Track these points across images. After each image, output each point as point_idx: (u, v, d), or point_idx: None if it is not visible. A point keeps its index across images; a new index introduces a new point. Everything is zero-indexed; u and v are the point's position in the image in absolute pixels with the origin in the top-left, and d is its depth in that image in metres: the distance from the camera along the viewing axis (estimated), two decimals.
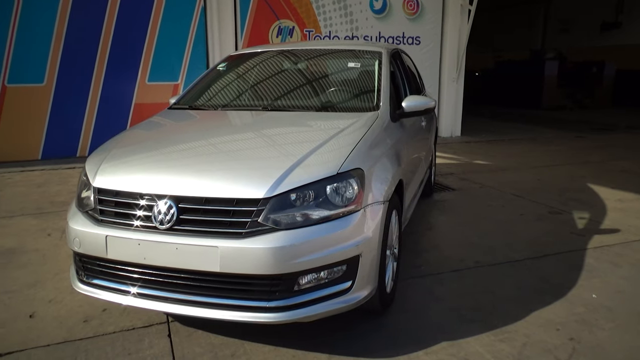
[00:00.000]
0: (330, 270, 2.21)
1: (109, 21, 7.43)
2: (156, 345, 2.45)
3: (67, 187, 5.69)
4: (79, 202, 2.52)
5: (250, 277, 2.12)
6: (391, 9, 8.91)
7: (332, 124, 2.92)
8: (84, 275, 2.46)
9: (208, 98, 3.66)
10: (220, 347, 2.42)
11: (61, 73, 7.29)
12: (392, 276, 2.77)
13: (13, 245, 3.81)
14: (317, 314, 2.21)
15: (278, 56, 4.06)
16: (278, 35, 8.40)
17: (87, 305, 2.82)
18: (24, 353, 2.39)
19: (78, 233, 2.36)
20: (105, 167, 2.50)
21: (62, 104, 7.38)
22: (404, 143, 3.18)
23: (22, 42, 7.03)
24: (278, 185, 2.17)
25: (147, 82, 7.77)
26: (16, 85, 7.12)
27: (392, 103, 3.19)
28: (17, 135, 7.22)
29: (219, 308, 2.17)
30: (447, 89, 9.59)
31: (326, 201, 2.23)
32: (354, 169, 2.33)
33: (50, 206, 4.91)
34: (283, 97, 3.56)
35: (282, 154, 2.53)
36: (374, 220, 2.35)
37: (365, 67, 3.66)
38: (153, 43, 7.70)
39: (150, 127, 3.26)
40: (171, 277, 2.21)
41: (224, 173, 2.33)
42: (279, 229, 2.13)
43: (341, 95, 3.55)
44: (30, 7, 6.99)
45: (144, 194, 2.26)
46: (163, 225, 2.18)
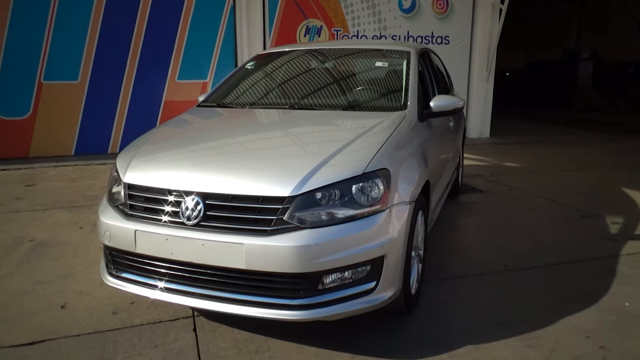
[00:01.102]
0: (355, 270, 2.20)
1: (140, 20, 7.59)
2: (182, 338, 2.49)
3: (99, 182, 5.84)
4: (110, 197, 2.58)
5: (274, 275, 2.14)
6: (420, 8, 8.83)
7: (359, 123, 2.91)
8: (113, 269, 2.52)
9: (236, 96, 3.70)
10: (244, 342, 2.44)
11: (94, 71, 7.49)
12: (417, 277, 2.75)
13: (46, 238, 3.94)
14: (340, 313, 2.21)
15: (305, 55, 4.07)
16: (306, 35, 8.43)
17: (116, 297, 2.89)
18: (56, 342, 2.47)
19: (108, 227, 2.42)
20: (135, 163, 2.55)
21: (94, 101, 7.58)
22: (431, 143, 3.15)
23: (58, 40, 7.25)
24: (304, 184, 2.17)
25: (177, 80, 7.91)
26: (52, 82, 7.35)
27: (419, 103, 3.16)
28: (52, 131, 7.46)
29: (244, 304, 2.19)
30: (477, 89, 9.44)
31: (351, 200, 2.22)
32: (380, 169, 2.31)
33: (82, 200, 5.05)
34: (310, 96, 3.57)
35: (309, 153, 2.53)
36: (400, 221, 2.33)
37: (393, 66, 3.64)
38: (183, 42, 7.84)
39: (179, 124, 3.31)
40: (197, 273, 2.25)
41: (251, 171, 2.35)
42: (304, 227, 2.13)
43: (368, 95, 3.54)
44: (66, 7, 7.20)
45: (172, 190, 2.30)
46: (190, 221, 2.21)
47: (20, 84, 7.21)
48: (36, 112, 7.36)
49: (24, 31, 7.09)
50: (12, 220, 4.39)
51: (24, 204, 4.90)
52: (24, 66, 7.17)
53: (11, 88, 7.17)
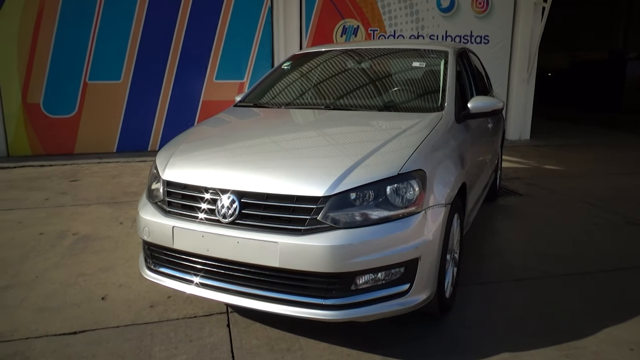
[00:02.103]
0: (388, 272, 2.19)
1: (181, 22, 7.78)
2: (216, 334, 2.54)
3: (139, 179, 6.02)
4: (149, 194, 2.65)
5: (308, 274, 2.15)
6: (459, 7, 8.67)
7: (395, 124, 2.89)
8: (151, 263, 2.59)
9: (272, 96, 3.73)
10: (276, 340, 2.47)
11: (136, 71, 7.73)
12: (451, 281, 2.70)
13: (89, 232, 4.09)
14: (373, 315, 2.20)
15: (342, 55, 4.07)
16: (342, 35, 8.42)
17: (153, 291, 2.97)
18: (96, 332, 2.56)
19: (147, 223, 2.49)
20: (174, 161, 2.61)
21: (136, 101, 7.82)
22: (468, 145, 3.09)
23: (102, 42, 7.53)
24: (338, 184, 2.17)
25: (215, 80, 8.06)
26: (96, 82, 7.63)
27: (457, 104, 3.11)
28: (96, 129, 7.74)
29: (277, 302, 2.21)
30: (517, 90, 9.20)
31: (386, 202, 2.21)
32: (416, 170, 2.29)
33: (123, 196, 5.21)
34: (346, 96, 3.57)
35: (343, 153, 2.53)
36: (435, 223, 2.30)
37: (431, 66, 3.59)
38: (221, 43, 7.98)
39: (216, 123, 3.37)
40: (232, 270, 2.28)
41: (285, 170, 2.36)
42: (337, 227, 2.13)
43: (404, 95, 3.50)
44: (110, 10, 7.47)
45: (209, 187, 2.34)
46: (226, 219, 2.25)
47: (67, 84, 7.52)
48: (81, 110, 7.66)
49: (71, 33, 7.40)
50: (58, 214, 4.58)
51: (69, 199, 5.10)
52: (70, 66, 7.48)
53: (58, 87, 7.50)
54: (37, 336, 2.52)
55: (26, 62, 7.33)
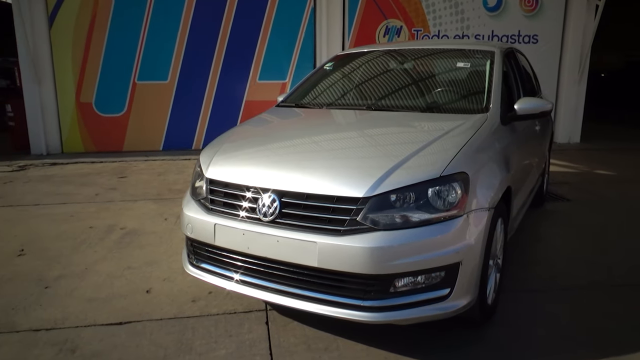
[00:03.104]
0: (428, 275, 2.15)
1: (225, 24, 7.94)
2: (254, 330, 2.57)
3: (183, 176, 6.18)
4: (193, 191, 2.72)
5: (346, 275, 2.14)
6: (506, 6, 8.44)
7: (437, 125, 2.84)
8: (194, 259, 2.66)
9: (314, 97, 3.75)
10: (314, 339, 2.48)
11: (182, 72, 7.96)
12: (494, 287, 2.63)
13: (135, 227, 4.24)
14: (412, 318, 2.17)
15: (384, 56, 4.04)
16: (385, 35, 8.37)
17: (195, 286, 3.05)
18: (140, 324, 2.65)
19: (191, 219, 2.56)
20: (217, 159, 2.67)
21: (181, 100, 8.06)
22: (514, 148, 3.00)
23: (151, 44, 7.81)
24: (378, 186, 2.16)
25: (258, 81, 8.19)
26: (144, 82, 7.91)
27: (503, 105, 3.02)
28: (143, 128, 8.02)
29: (315, 302, 2.22)
30: (567, 91, 8.85)
31: (427, 204, 2.17)
32: (458, 173, 2.24)
33: (168, 193, 5.37)
34: (388, 97, 3.54)
35: (384, 154, 2.51)
36: (478, 227, 2.25)
37: (476, 67, 3.51)
38: (264, 44, 8.09)
39: (258, 123, 3.42)
40: (271, 268, 2.31)
41: (326, 170, 2.37)
42: (377, 229, 2.12)
43: (448, 96, 3.44)
44: (159, 14, 7.75)
45: (250, 186, 2.38)
46: (266, 217, 2.28)
47: (117, 84, 7.84)
48: (130, 109, 7.96)
49: (122, 36, 7.71)
50: (107, 209, 4.77)
51: (117, 195, 5.31)
52: (120, 67, 7.80)
53: (109, 87, 7.83)
54: (85, 325, 2.64)
55: (80, 64, 7.69)
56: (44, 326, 2.62)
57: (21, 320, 2.68)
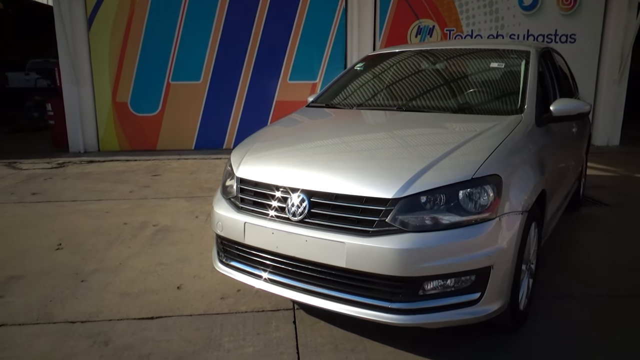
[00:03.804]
0: (458, 279, 2.12)
1: (257, 25, 8.03)
2: (282, 329, 2.59)
3: (214, 175, 6.28)
4: (224, 190, 2.76)
5: (374, 276, 2.13)
6: (543, 5, 8.22)
7: (470, 127, 2.79)
8: (223, 257, 2.70)
9: (344, 97, 3.75)
10: (341, 340, 2.47)
11: (215, 72, 8.09)
12: (526, 293, 2.57)
13: (167, 224, 4.33)
14: (440, 322, 2.14)
15: (416, 56, 4.00)
16: (417, 35, 8.28)
17: (224, 284, 3.09)
18: (171, 319, 2.70)
19: (221, 218, 2.59)
20: (247, 159, 2.70)
21: (213, 100, 8.19)
22: (549, 150, 2.92)
23: (184, 45, 7.96)
24: (408, 187, 2.14)
25: (288, 81, 8.24)
26: (178, 82, 8.07)
27: (538, 106, 2.95)
28: (176, 127, 8.19)
29: (342, 302, 2.21)
30: (606, 92, 8.56)
31: (458, 206, 2.14)
32: (491, 175, 2.20)
33: (199, 191, 5.47)
34: (419, 98, 3.50)
35: (415, 155, 2.49)
36: (510, 231, 2.20)
37: (510, 67, 3.43)
38: (295, 44, 8.14)
39: (289, 123, 3.44)
40: (299, 267, 2.32)
41: (355, 171, 2.36)
42: (406, 230, 2.10)
43: (481, 97, 3.38)
44: (192, 16, 7.90)
45: (280, 186, 2.40)
46: (295, 217, 2.29)
47: (152, 84, 8.03)
48: (164, 109, 8.14)
49: (156, 37, 7.90)
50: (140, 206, 4.89)
51: (151, 192, 5.43)
52: (155, 68, 7.98)
53: (144, 88, 8.03)
54: (118, 319, 2.71)
55: (116, 65, 7.91)
56: (79, 318, 2.71)
57: (58, 312, 2.77)
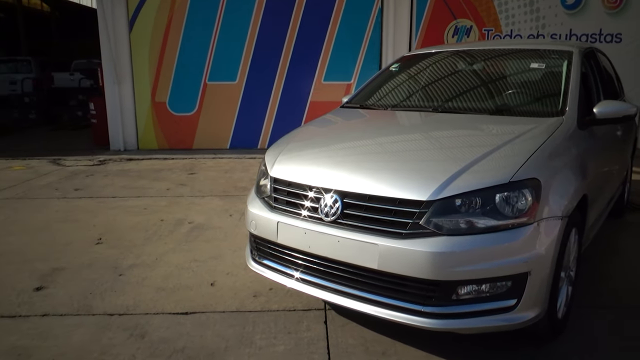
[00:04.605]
0: (493, 284, 2.07)
1: (293, 26, 8.08)
2: (313, 329, 2.59)
3: (249, 174, 6.36)
4: (258, 189, 2.79)
5: (407, 279, 2.11)
6: (587, 4, 7.93)
7: (508, 129, 2.73)
8: (256, 255, 2.73)
9: (379, 98, 3.72)
10: (372, 342, 2.46)
11: (250, 72, 8.19)
12: (565, 301, 2.48)
13: (202, 222, 4.41)
14: (474, 328, 2.10)
15: (452, 57, 3.93)
16: (454, 35, 8.15)
17: (257, 282, 3.12)
18: (205, 315, 2.75)
19: (255, 216, 2.62)
20: (281, 159, 2.72)
21: (249, 101, 8.29)
22: (592, 154, 2.82)
23: (221, 46, 8.10)
24: (443, 189, 2.11)
25: (323, 82, 8.25)
26: (214, 82, 8.22)
27: (580, 108, 2.85)
28: (212, 127, 8.34)
29: (374, 304, 2.20)
30: None
31: (494, 210, 2.09)
32: (529, 179, 2.14)
33: (233, 190, 5.55)
34: (455, 99, 3.44)
35: (450, 158, 2.45)
36: (549, 237, 2.13)
37: (551, 67, 3.33)
38: (331, 45, 8.15)
39: (322, 124, 3.45)
40: (331, 268, 2.31)
41: (389, 172, 2.34)
42: (440, 233, 2.07)
43: (520, 98, 3.29)
44: (229, 18, 8.02)
45: (313, 186, 2.40)
46: (328, 217, 2.29)
47: (189, 84, 8.20)
48: (200, 109, 8.30)
49: (195, 39, 8.06)
50: (177, 203, 5.00)
51: (186, 190, 5.55)
52: (193, 69, 8.15)
53: (182, 88, 8.21)
54: (154, 312, 2.78)
55: (156, 65, 8.12)
56: (117, 311, 2.79)
57: (97, 304, 2.87)
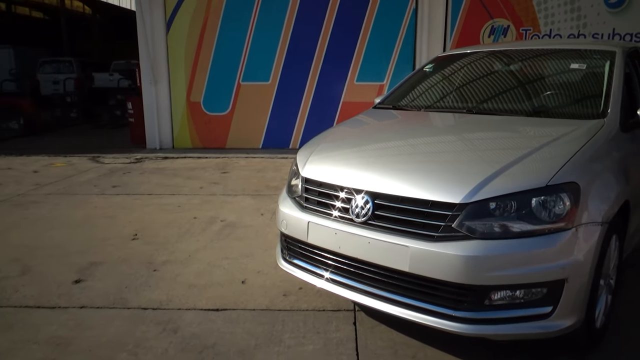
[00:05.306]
0: (528, 291, 2.02)
1: (326, 27, 8.10)
2: (342, 330, 2.59)
3: (280, 174, 6.41)
4: (289, 189, 2.81)
5: (438, 282, 2.08)
6: (631, 2, 7.62)
7: (545, 131, 2.65)
8: (287, 255, 2.74)
9: (412, 99, 3.69)
10: (401, 345, 2.44)
11: (283, 73, 8.26)
12: (604, 310, 2.40)
13: (234, 220, 4.47)
14: (507, 334, 2.06)
15: (488, 57, 3.85)
16: (490, 35, 7.99)
17: (287, 281, 3.14)
18: (235, 312, 2.79)
19: (286, 216, 2.64)
20: (313, 159, 2.73)
21: (281, 101, 8.36)
22: (635, 158, 2.71)
23: (255, 47, 8.20)
24: (477, 192, 2.07)
25: (355, 82, 8.24)
26: (248, 83, 8.33)
27: (623, 110, 2.74)
28: (245, 126, 8.45)
29: (404, 307, 2.18)
30: None
31: (530, 214, 2.04)
32: (568, 183, 2.07)
33: (265, 189, 5.60)
34: (490, 100, 3.37)
35: (484, 160, 2.40)
36: (588, 243, 2.06)
37: (592, 68, 3.22)
38: (364, 46, 8.13)
39: (354, 124, 3.44)
40: (361, 269, 2.30)
41: (421, 174, 2.31)
42: (473, 237, 2.03)
43: (558, 100, 3.20)
44: (263, 19, 8.12)
45: (344, 187, 2.40)
46: (359, 218, 2.28)
47: (224, 85, 8.34)
48: (234, 109, 8.42)
49: (229, 40, 8.21)
50: (209, 202, 5.09)
51: (219, 189, 5.64)
52: (227, 69, 8.29)
53: (216, 88, 8.35)
54: (186, 308, 2.83)
55: (191, 66, 8.29)
56: (151, 306, 2.86)
57: (132, 298, 2.95)
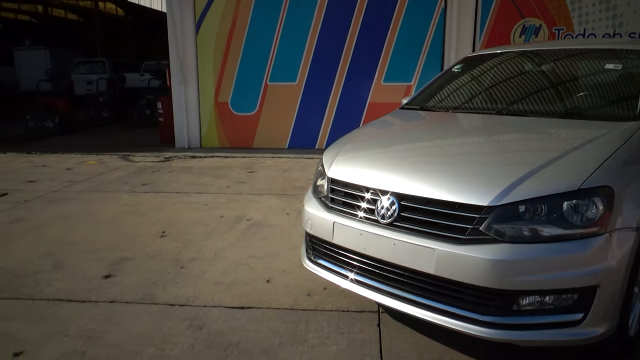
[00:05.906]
0: (558, 297, 1.97)
1: (354, 27, 8.08)
2: (366, 331, 2.58)
3: (306, 174, 6.43)
4: (315, 189, 2.82)
5: (464, 286, 2.05)
6: None
7: (578, 133, 2.59)
8: (312, 255, 2.75)
9: (440, 99, 3.65)
10: (426, 348, 2.41)
11: (310, 73, 8.28)
12: (638, 318, 2.32)
13: (260, 219, 4.51)
14: (535, 341, 2.01)
15: (519, 57, 3.78)
16: (521, 35, 7.83)
17: (311, 281, 3.15)
18: (260, 310, 2.81)
19: (311, 216, 2.65)
20: (339, 159, 2.73)
21: (308, 101, 8.39)
22: None
23: (282, 47, 8.25)
24: (506, 195, 2.03)
25: (383, 83, 8.20)
26: (275, 83, 8.39)
27: None
28: (272, 126, 8.52)
29: (429, 310, 2.16)
30: None
31: (561, 218, 1.99)
32: (601, 187, 2.02)
33: (291, 189, 5.63)
34: (520, 101, 3.31)
35: (514, 162, 2.36)
36: (622, 249, 2.00)
37: (629, 68, 3.12)
38: (391, 46, 8.08)
39: (381, 125, 3.42)
40: (386, 271, 2.29)
41: (448, 176, 2.29)
42: (501, 240, 1.99)
43: (592, 101, 3.11)
44: (291, 20, 8.16)
45: (370, 188, 2.39)
46: (384, 219, 2.27)
47: (251, 85, 8.42)
48: (261, 109, 8.50)
49: (257, 41, 8.28)
50: (236, 201, 5.14)
51: (246, 188, 5.70)
52: (255, 70, 8.36)
53: (244, 88, 8.44)
54: (212, 305, 2.87)
55: (220, 67, 8.40)
56: (178, 302, 2.91)
57: (160, 294, 3.01)
